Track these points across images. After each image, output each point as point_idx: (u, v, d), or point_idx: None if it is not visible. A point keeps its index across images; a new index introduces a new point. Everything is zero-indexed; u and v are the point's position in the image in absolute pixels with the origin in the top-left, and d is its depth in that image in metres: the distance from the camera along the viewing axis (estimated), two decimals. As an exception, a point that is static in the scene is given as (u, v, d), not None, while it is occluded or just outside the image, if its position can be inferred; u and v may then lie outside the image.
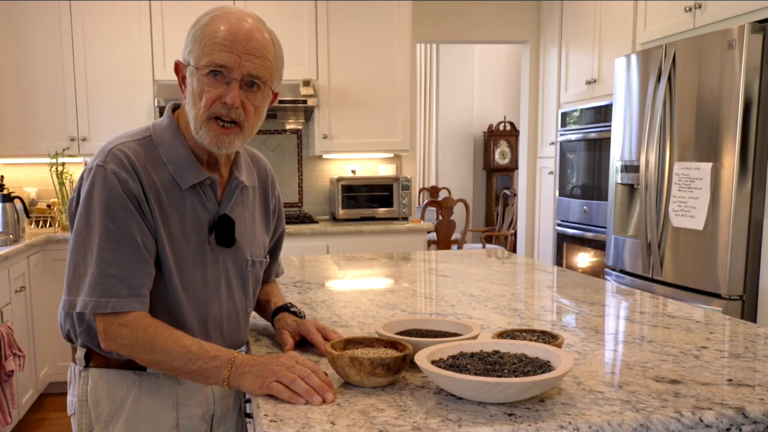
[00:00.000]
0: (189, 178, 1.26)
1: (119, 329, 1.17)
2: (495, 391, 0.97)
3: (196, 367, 1.14)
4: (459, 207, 6.32)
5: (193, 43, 1.22)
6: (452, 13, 4.78)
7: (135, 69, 3.98)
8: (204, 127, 1.22)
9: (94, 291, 1.16)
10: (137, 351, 1.17)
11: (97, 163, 1.20)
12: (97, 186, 1.18)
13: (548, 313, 1.70)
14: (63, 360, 3.68)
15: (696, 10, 3.01)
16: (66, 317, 1.30)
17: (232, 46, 1.19)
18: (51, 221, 3.94)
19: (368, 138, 4.24)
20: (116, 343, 1.18)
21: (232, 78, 1.20)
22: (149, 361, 1.18)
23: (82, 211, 1.19)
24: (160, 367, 1.19)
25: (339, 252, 3.87)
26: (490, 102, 7.69)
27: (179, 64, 1.26)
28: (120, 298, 1.16)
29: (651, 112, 3.02)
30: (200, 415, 1.33)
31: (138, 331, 1.16)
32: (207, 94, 1.20)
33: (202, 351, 1.15)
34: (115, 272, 1.16)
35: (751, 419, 0.97)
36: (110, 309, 1.16)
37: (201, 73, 1.20)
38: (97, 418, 1.28)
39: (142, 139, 1.26)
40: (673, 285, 2.93)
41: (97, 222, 1.17)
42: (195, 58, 1.21)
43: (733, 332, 1.46)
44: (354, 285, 2.13)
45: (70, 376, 1.35)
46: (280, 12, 4.05)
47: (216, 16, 1.22)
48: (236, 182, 1.34)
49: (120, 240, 1.17)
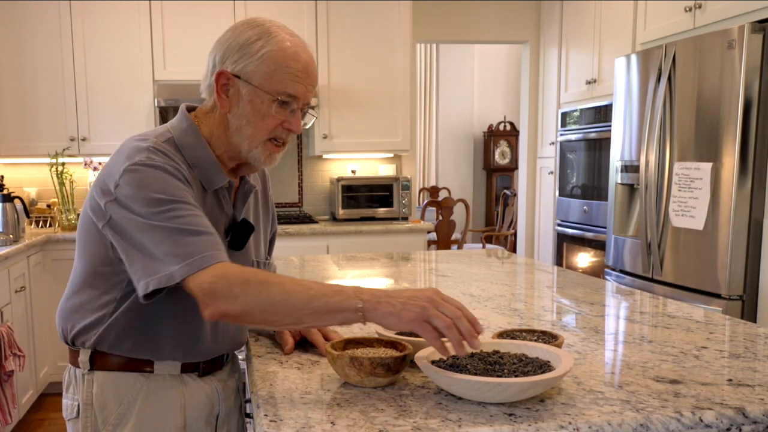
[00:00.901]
0: (215, 181, 1.27)
1: (225, 281, 1.07)
2: (495, 391, 0.97)
3: (321, 304, 1.05)
4: (459, 207, 6.32)
5: (259, 62, 1.20)
6: (452, 13, 4.78)
7: (135, 69, 3.98)
8: (261, 146, 1.24)
9: (186, 253, 1.09)
10: (251, 297, 1.06)
11: (140, 159, 1.15)
12: (150, 174, 1.14)
13: (548, 313, 1.70)
14: (63, 360, 3.67)
15: (696, 10, 3.01)
16: (67, 319, 1.28)
17: (305, 79, 1.23)
18: (51, 221, 3.94)
19: (368, 138, 4.24)
20: (226, 298, 1.06)
21: (297, 108, 1.24)
22: (267, 307, 1.07)
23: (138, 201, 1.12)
24: (276, 310, 1.07)
25: (339, 252, 3.87)
26: (490, 102, 7.69)
27: (225, 74, 1.22)
28: (216, 250, 1.11)
29: (651, 112, 3.02)
30: (206, 417, 1.33)
31: (246, 274, 1.09)
32: (273, 120, 1.22)
33: (323, 287, 1.08)
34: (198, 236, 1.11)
35: (751, 419, 0.97)
36: (213, 260, 1.09)
37: (269, 98, 1.21)
38: (103, 422, 1.27)
39: (167, 141, 1.24)
40: (673, 285, 2.93)
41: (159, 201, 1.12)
42: (261, 80, 1.20)
43: (733, 332, 1.46)
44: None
45: (69, 379, 1.33)
46: (280, 12, 4.05)
47: (282, 41, 1.21)
48: (248, 186, 1.36)
49: (188, 208, 1.13)
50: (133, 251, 1.13)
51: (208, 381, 1.34)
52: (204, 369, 1.33)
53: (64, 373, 1.36)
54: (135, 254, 1.13)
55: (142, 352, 1.26)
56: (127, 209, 1.13)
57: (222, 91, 1.24)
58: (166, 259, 1.09)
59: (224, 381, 1.38)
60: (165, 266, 1.09)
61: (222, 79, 1.23)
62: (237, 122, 1.24)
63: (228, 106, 1.24)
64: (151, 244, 1.11)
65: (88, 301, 1.25)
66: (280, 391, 1.09)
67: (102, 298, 1.24)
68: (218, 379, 1.36)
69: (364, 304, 1.03)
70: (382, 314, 1.03)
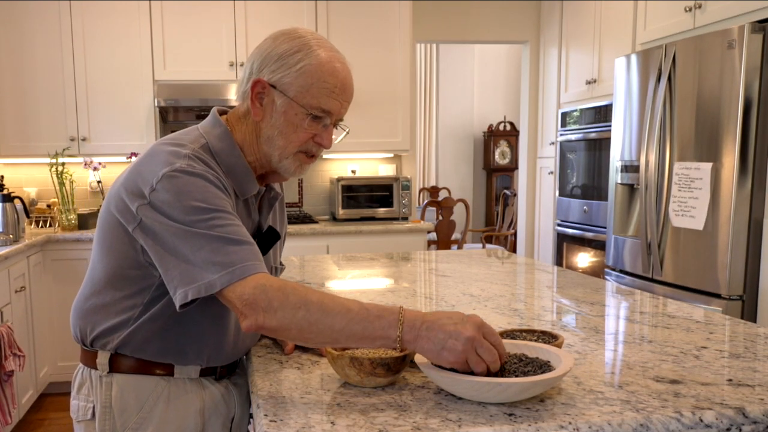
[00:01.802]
0: (248, 189, 1.27)
1: (265, 292, 1.06)
2: (495, 391, 0.97)
3: (360, 328, 1.04)
4: (459, 207, 6.32)
5: (297, 75, 1.19)
6: (452, 13, 4.78)
7: (135, 69, 3.98)
8: (291, 157, 1.25)
9: (228, 262, 1.08)
10: (290, 312, 1.05)
11: (180, 166, 1.14)
12: (190, 182, 1.13)
13: (548, 313, 1.70)
14: (63, 360, 3.67)
15: (696, 10, 3.01)
16: (87, 320, 1.25)
17: (341, 96, 1.23)
18: (51, 221, 3.94)
19: (368, 138, 4.24)
20: (265, 311, 1.05)
21: (330, 123, 1.24)
22: (304, 325, 1.05)
23: (178, 207, 1.11)
24: (313, 329, 1.06)
25: (339, 252, 3.87)
26: (490, 102, 7.69)
27: (263, 82, 1.21)
28: (254, 260, 1.10)
29: (651, 112, 3.02)
30: (222, 421, 1.33)
31: (287, 288, 1.07)
32: (305, 133, 1.23)
33: (362, 310, 1.06)
34: (241, 240, 1.11)
35: (751, 419, 0.97)
36: (254, 270, 1.08)
37: (303, 112, 1.21)
38: (123, 425, 1.25)
39: (202, 147, 1.23)
40: (673, 285, 2.93)
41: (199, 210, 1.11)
42: (297, 93, 1.20)
43: (733, 332, 1.46)
44: (354, 285, 2.13)
45: (81, 380, 1.31)
46: (280, 12, 4.05)
47: (321, 56, 1.21)
48: (274, 194, 1.37)
49: (228, 218, 1.13)
50: (168, 257, 1.11)
51: (224, 384, 1.34)
52: (221, 372, 1.33)
53: (75, 373, 1.34)
54: (171, 260, 1.11)
55: (167, 356, 1.25)
56: (163, 214, 1.11)
57: (257, 99, 1.23)
58: (204, 266, 1.08)
59: (237, 383, 1.38)
60: (204, 274, 1.08)
61: (258, 87, 1.22)
62: (269, 132, 1.24)
63: (261, 115, 1.24)
64: (189, 251, 1.09)
65: (111, 303, 1.23)
66: (280, 391, 1.09)
67: (127, 301, 1.22)
68: (233, 381, 1.36)
69: (404, 335, 1.03)
70: (421, 349, 1.03)
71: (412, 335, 1.02)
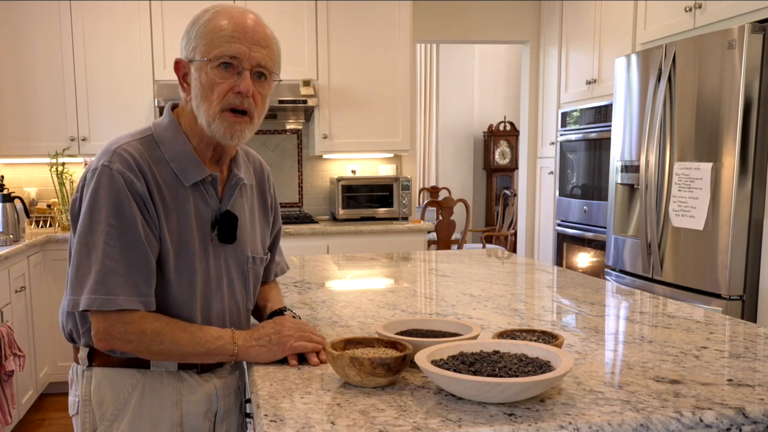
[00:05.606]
0: (192, 175, 1.28)
1: (124, 326, 1.17)
2: (495, 391, 0.97)
3: (204, 350, 1.22)
4: (459, 207, 6.32)
5: (198, 38, 1.24)
6: (452, 13, 4.78)
7: (135, 69, 3.98)
8: (218, 119, 1.24)
9: (99, 289, 1.16)
10: (144, 344, 1.19)
11: (102, 162, 1.21)
12: (103, 185, 1.19)
13: (548, 313, 1.70)
14: (63, 360, 3.67)
15: (696, 10, 3.01)
16: (68, 317, 1.30)
17: (242, 38, 1.22)
18: (51, 221, 3.94)
19: (368, 138, 4.24)
20: (120, 341, 1.18)
21: (243, 68, 1.23)
22: (158, 351, 1.21)
23: (86, 211, 1.19)
24: (169, 356, 1.23)
25: (339, 252, 3.87)
26: (490, 102, 7.69)
27: (180, 62, 1.28)
28: (126, 296, 1.17)
29: (651, 112, 3.02)
30: (203, 413, 1.34)
31: (145, 325, 1.18)
32: (219, 86, 1.23)
33: (206, 334, 1.23)
34: (120, 271, 1.17)
35: (751, 419, 0.97)
36: (116, 307, 1.16)
37: (211, 66, 1.22)
38: (101, 417, 1.29)
39: (144, 138, 1.28)
40: (673, 285, 2.93)
41: (102, 221, 1.18)
42: (202, 52, 1.23)
43: (733, 332, 1.46)
44: (354, 285, 2.13)
45: (72, 376, 1.35)
46: (280, 12, 4.05)
47: (218, 12, 1.24)
48: (236, 179, 1.36)
49: (125, 239, 1.18)
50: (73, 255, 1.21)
51: (207, 378, 1.34)
52: (202, 366, 1.33)
53: (69, 370, 1.38)
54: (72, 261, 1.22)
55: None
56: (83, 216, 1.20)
57: (183, 81, 1.29)
58: (80, 282, 1.18)
59: (224, 378, 1.38)
60: (76, 290, 1.18)
61: (179, 68, 1.28)
62: (196, 102, 1.26)
63: (189, 91, 1.28)
64: (77, 259, 1.19)
65: None
66: (280, 391, 1.09)
67: None
68: (218, 376, 1.36)
69: (239, 349, 1.23)
70: (254, 355, 1.23)
71: (244, 348, 1.23)
